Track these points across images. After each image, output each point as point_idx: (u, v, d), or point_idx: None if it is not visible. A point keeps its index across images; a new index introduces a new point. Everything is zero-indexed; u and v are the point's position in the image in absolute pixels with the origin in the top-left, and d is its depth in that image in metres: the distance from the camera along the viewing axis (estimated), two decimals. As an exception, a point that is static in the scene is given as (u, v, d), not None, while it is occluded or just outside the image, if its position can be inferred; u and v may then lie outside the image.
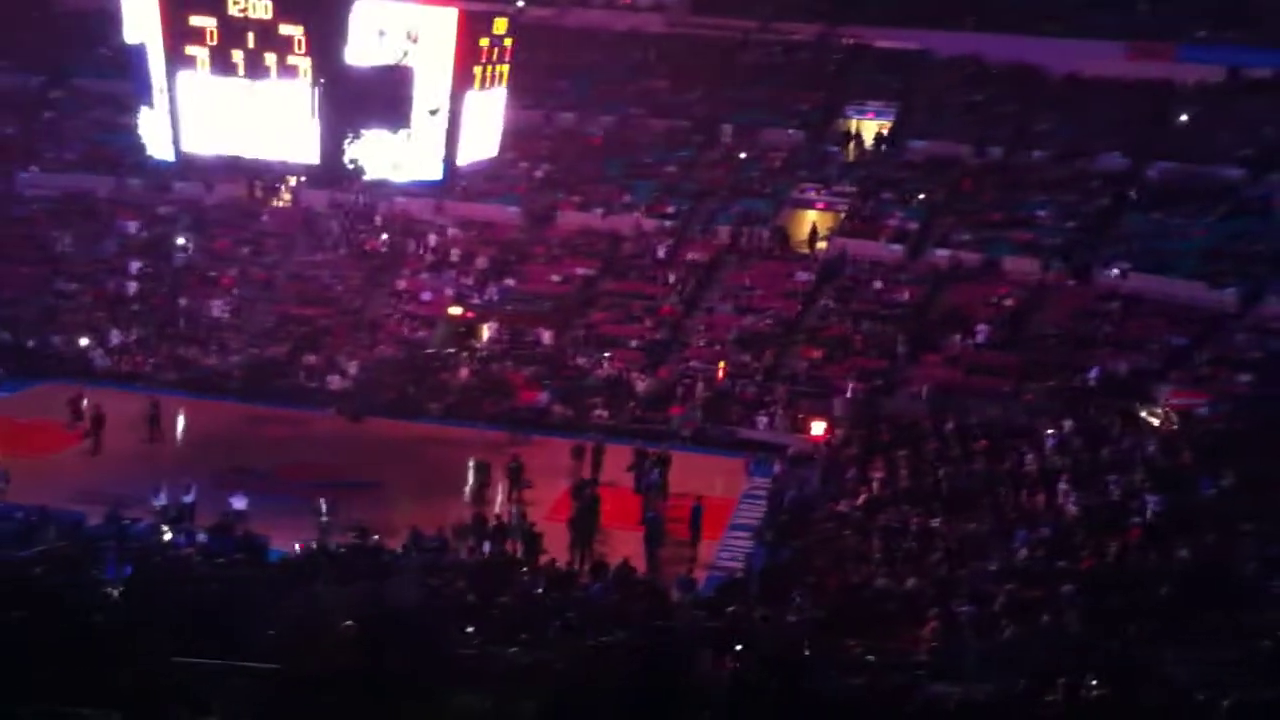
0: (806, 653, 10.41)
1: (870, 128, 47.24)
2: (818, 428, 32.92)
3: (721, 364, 37.13)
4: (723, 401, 35.85)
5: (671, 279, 41.20)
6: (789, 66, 49.99)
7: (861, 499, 25.80)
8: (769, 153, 46.54)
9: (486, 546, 23.59)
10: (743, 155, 46.53)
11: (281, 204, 45.20)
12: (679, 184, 45.58)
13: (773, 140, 47.01)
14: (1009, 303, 38.10)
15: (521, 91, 33.87)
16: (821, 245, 41.98)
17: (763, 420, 34.91)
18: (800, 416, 34.42)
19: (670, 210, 44.04)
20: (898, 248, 41.29)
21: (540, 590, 17.71)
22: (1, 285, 39.80)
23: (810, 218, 43.76)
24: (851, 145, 46.73)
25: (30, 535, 19.98)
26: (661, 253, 42.10)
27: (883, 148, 46.29)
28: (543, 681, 8.84)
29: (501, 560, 21.89)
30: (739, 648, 10.84)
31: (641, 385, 36.49)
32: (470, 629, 13.33)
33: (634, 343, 38.75)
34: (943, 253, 40.67)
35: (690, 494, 27.41)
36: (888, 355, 37.09)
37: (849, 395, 35.07)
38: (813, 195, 44.64)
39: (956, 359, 36.40)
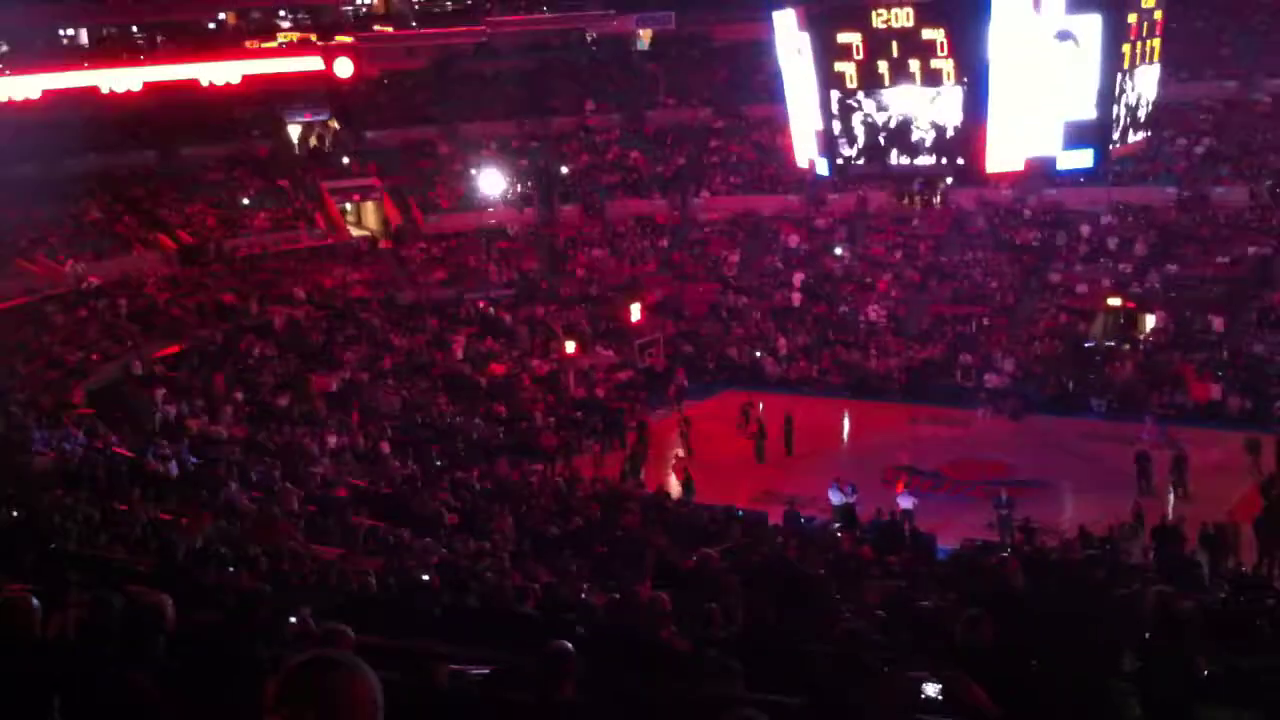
0: None
1: None
2: None
3: None
4: None
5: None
6: None
7: None
8: None
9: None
10: None
11: (932, 206, 46.06)
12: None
13: None
14: None
15: (1176, 64, 31.92)
16: None
17: None
18: None
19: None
20: None
21: (1224, 595, 16.54)
22: (683, 303, 43.79)
23: None
24: None
25: (718, 533, 21.74)
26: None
27: None
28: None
29: (1180, 563, 20.67)
30: None
31: (1335, 371, 32.94)
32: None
33: (1320, 324, 35.05)
34: None
35: None
36: None
37: None
38: None
39: None
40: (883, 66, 25.41)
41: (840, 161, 27.72)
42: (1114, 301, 38.43)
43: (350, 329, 39.58)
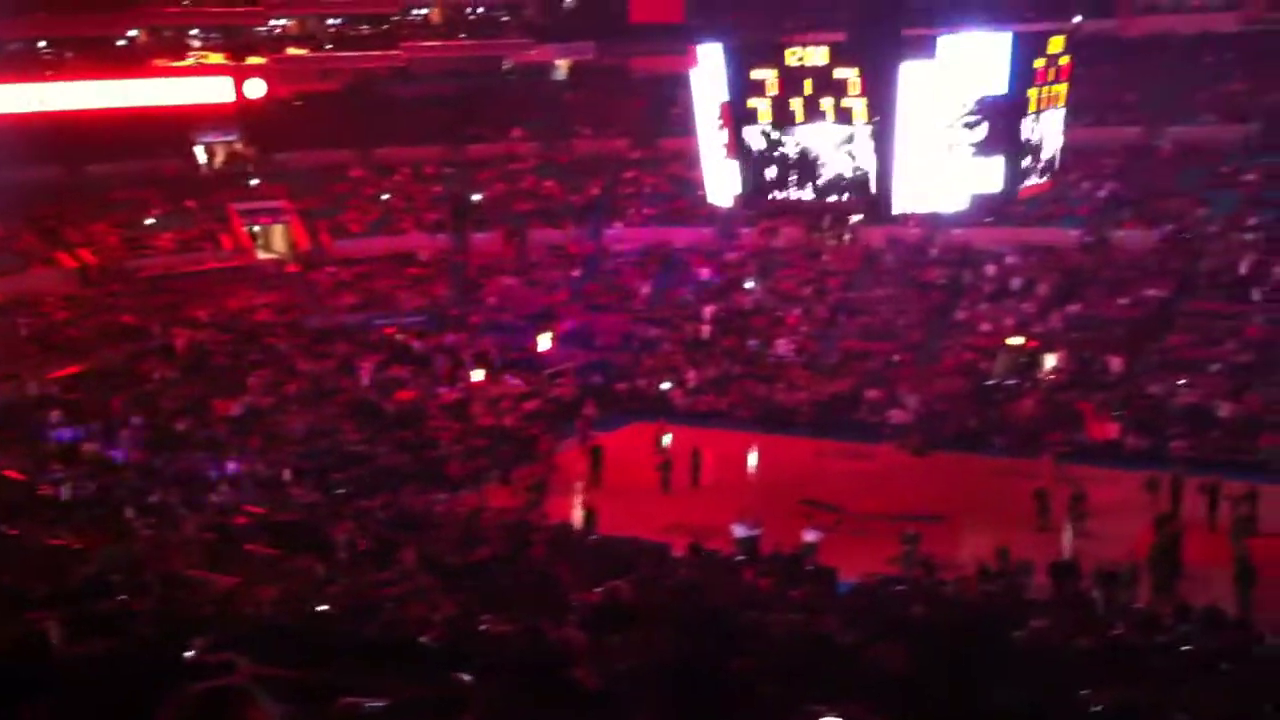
0: None
1: None
2: None
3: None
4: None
5: (1257, 296, 37.93)
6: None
7: None
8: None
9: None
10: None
11: (842, 243, 46.73)
12: (1263, 193, 41.95)
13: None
14: None
15: (1081, 109, 32.74)
16: None
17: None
18: None
19: (1253, 222, 40.62)
20: None
21: (1119, 632, 16.85)
22: (594, 333, 43.79)
23: None
24: None
25: (625, 565, 21.66)
26: (1244, 268, 38.90)
27: None
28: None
29: (1075, 600, 21.03)
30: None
31: (1225, 412, 33.80)
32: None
33: (1215, 367, 35.99)
34: None
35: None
36: None
37: None
38: None
39: None
40: (795, 104, 25.75)
41: (753, 195, 28.00)
42: (1016, 340, 39.16)
43: (255, 353, 39.00)
